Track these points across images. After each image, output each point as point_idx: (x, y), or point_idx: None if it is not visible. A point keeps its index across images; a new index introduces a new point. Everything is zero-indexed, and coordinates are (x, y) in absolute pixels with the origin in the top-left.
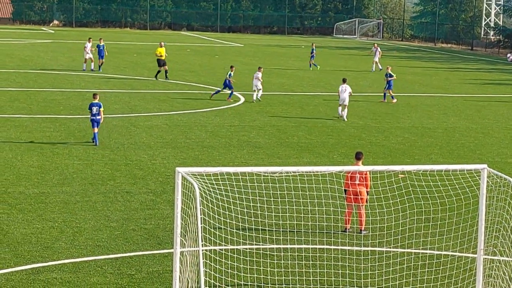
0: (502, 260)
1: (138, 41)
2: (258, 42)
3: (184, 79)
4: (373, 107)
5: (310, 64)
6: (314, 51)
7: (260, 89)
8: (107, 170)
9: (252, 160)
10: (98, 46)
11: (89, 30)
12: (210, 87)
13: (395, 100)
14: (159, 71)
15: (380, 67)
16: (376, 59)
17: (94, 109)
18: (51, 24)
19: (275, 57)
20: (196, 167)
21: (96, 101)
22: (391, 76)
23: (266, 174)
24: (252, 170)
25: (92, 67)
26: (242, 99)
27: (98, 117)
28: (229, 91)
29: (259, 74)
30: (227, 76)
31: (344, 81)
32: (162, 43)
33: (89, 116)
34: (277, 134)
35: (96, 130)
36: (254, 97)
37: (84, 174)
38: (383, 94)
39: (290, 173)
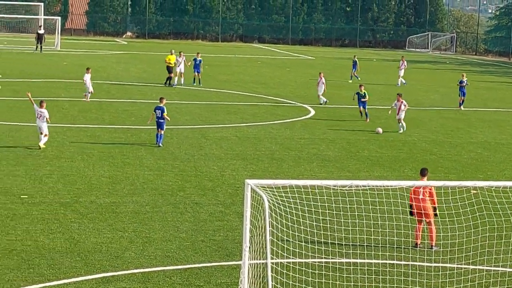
0: None
1: (210, 53)
2: (329, 55)
3: (255, 91)
4: (445, 121)
5: (351, 76)
6: (357, 63)
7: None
8: (177, 181)
9: (321, 173)
10: (194, 60)
11: (161, 42)
12: (281, 99)
13: (461, 108)
14: (169, 78)
15: (404, 82)
16: (401, 73)
17: (158, 112)
18: (124, 36)
19: (346, 70)
20: (265, 179)
21: (161, 104)
22: (462, 82)
23: (335, 188)
24: (322, 183)
25: (175, 82)
26: (312, 112)
27: (161, 120)
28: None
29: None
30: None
31: (399, 96)
32: (172, 51)
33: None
34: (347, 148)
35: (161, 132)
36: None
37: (155, 184)
38: (459, 102)
39: (360, 187)
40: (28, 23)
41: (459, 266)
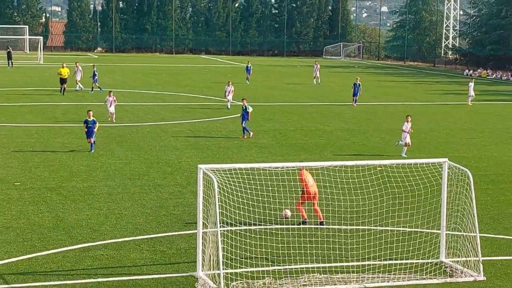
0: (462, 234)
1: (166, 63)
2: (262, 63)
3: (203, 93)
4: (356, 114)
5: (247, 78)
6: (251, 68)
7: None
8: (143, 168)
9: (259, 158)
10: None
11: (126, 55)
12: (225, 99)
13: (355, 104)
14: (64, 88)
15: (319, 82)
16: (317, 75)
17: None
18: (95, 51)
19: (276, 74)
20: (214, 164)
21: (91, 118)
22: (358, 86)
23: (270, 169)
24: (259, 166)
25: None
26: (250, 109)
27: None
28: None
29: (232, 88)
30: None
31: (408, 117)
32: (64, 64)
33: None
34: (279, 137)
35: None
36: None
37: (124, 171)
38: (352, 100)
39: (290, 168)
40: (16, 42)
41: (369, 228)
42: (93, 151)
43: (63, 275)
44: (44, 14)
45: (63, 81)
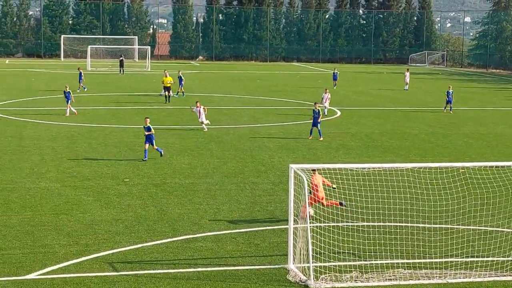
0: None
1: (260, 70)
2: (350, 70)
3: (295, 98)
4: (439, 117)
5: (335, 85)
6: (337, 75)
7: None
8: (238, 166)
9: (346, 158)
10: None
11: (225, 63)
12: (321, 106)
13: (451, 112)
14: (168, 96)
15: (406, 88)
16: (408, 81)
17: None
18: (197, 59)
19: (363, 81)
20: (305, 163)
21: (147, 125)
22: (451, 93)
23: (357, 169)
24: (346, 166)
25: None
26: (339, 113)
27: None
28: None
29: (329, 95)
30: None
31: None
32: (167, 73)
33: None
34: (365, 139)
35: (147, 147)
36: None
37: (221, 169)
38: (444, 106)
39: (376, 169)
40: (127, 51)
41: (452, 226)
42: (146, 159)
43: (167, 264)
44: (151, 26)
45: (166, 89)
